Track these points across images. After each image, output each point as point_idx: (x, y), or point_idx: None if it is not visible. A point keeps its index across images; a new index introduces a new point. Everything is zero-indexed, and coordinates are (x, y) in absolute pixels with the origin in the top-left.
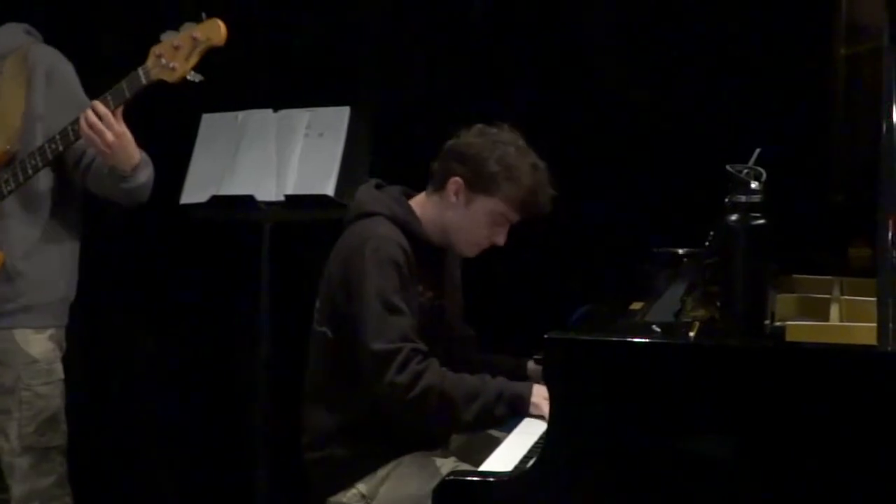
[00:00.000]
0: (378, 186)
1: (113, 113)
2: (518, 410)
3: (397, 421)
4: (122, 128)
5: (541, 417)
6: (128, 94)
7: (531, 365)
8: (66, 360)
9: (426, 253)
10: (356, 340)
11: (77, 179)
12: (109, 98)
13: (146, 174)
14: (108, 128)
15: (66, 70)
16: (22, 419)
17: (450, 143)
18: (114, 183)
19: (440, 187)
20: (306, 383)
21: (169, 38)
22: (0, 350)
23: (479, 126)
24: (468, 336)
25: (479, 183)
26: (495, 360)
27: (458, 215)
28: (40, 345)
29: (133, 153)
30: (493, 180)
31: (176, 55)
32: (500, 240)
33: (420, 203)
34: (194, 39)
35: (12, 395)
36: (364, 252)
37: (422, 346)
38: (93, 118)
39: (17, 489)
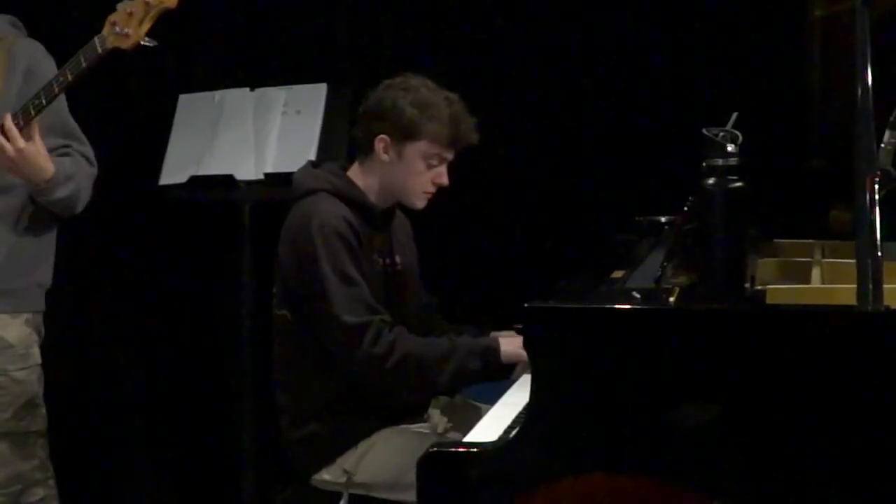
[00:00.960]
0: (315, 165)
1: (21, 127)
2: (491, 362)
3: (373, 393)
4: (24, 143)
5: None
6: (84, 65)
7: (493, 334)
8: (47, 345)
9: (373, 221)
10: (323, 318)
11: None
12: (68, 70)
13: (67, 190)
14: (11, 141)
15: (46, 67)
16: (0, 405)
17: (362, 107)
18: (33, 194)
19: (369, 151)
20: (275, 367)
21: (124, 5)
22: None
23: (385, 81)
24: (428, 302)
25: (402, 132)
26: (460, 328)
27: (395, 171)
28: (16, 329)
29: (42, 168)
30: (414, 124)
31: (129, 21)
32: (443, 180)
33: (356, 173)
34: (147, 4)
35: None
36: (311, 230)
37: (386, 315)
38: None
39: None
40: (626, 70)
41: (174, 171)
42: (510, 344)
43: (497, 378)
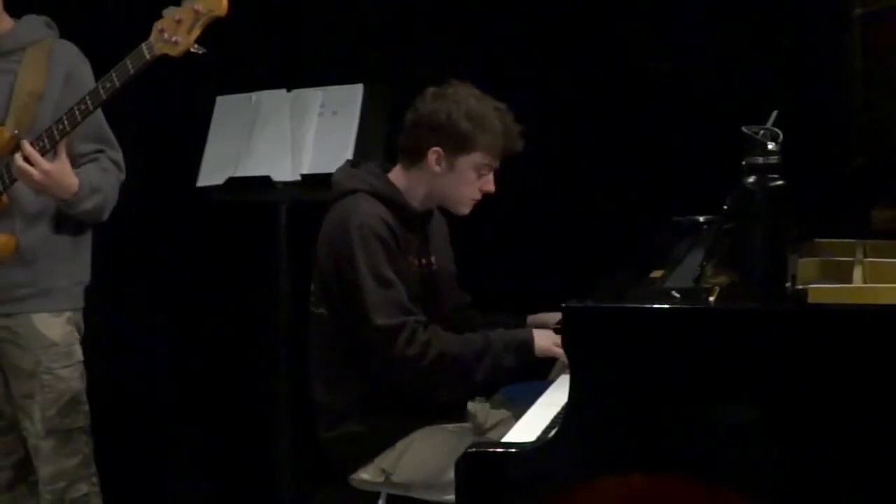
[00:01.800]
0: (354, 165)
1: (47, 150)
2: (525, 357)
3: (410, 393)
4: (49, 166)
5: (552, 358)
6: (132, 70)
7: (530, 319)
8: (86, 343)
9: (411, 222)
10: (357, 319)
11: None
12: (114, 76)
13: (92, 202)
14: (35, 166)
15: (84, 71)
16: (44, 402)
17: (411, 115)
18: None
19: (418, 160)
20: (312, 365)
21: (171, 12)
22: (19, 335)
23: (432, 90)
24: (462, 302)
25: (457, 145)
26: (495, 318)
27: (447, 181)
28: (58, 328)
29: (68, 185)
30: (469, 137)
31: (178, 29)
32: (490, 187)
33: (399, 176)
34: (196, 12)
35: (33, 379)
36: (349, 230)
37: (421, 315)
38: (20, 163)
39: (43, 471)
40: (665, 66)
41: (212, 173)
42: (543, 338)
43: (532, 370)
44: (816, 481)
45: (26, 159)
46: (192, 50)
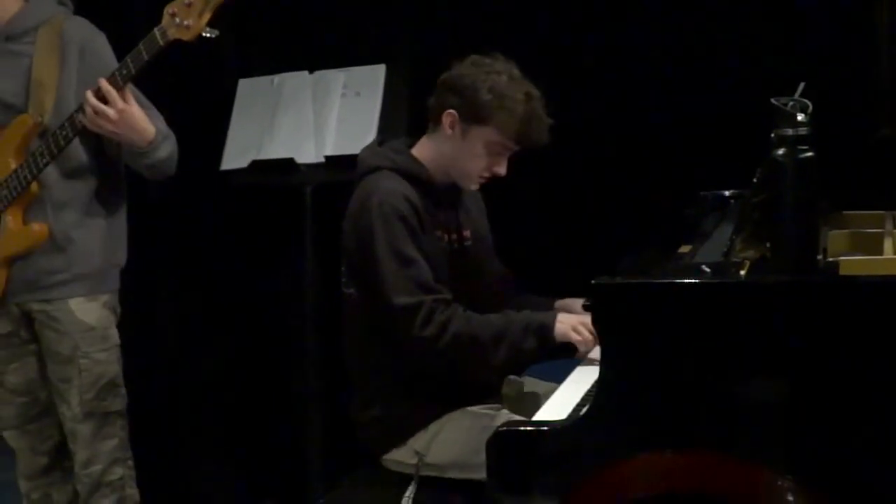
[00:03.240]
0: (380, 143)
1: (120, 90)
2: (545, 340)
3: (439, 374)
4: (126, 104)
5: (570, 344)
6: (146, 57)
7: (557, 303)
8: (121, 326)
9: (438, 197)
10: (379, 298)
11: (112, 151)
12: (130, 62)
13: (167, 149)
14: (112, 105)
15: (99, 43)
16: (82, 386)
17: (444, 76)
18: (134, 159)
19: (437, 123)
20: (346, 346)
21: None
22: (57, 319)
23: (473, 57)
24: (503, 274)
25: (472, 113)
26: (525, 301)
27: (455, 147)
28: (95, 312)
29: (145, 129)
30: (486, 109)
31: (189, 13)
32: (501, 170)
33: (422, 147)
34: None
35: (71, 363)
36: (370, 208)
37: (444, 293)
38: (94, 101)
39: (81, 454)
40: (692, 40)
41: (235, 157)
42: (564, 323)
43: (560, 354)
44: (848, 454)
45: (101, 100)
46: (203, 34)
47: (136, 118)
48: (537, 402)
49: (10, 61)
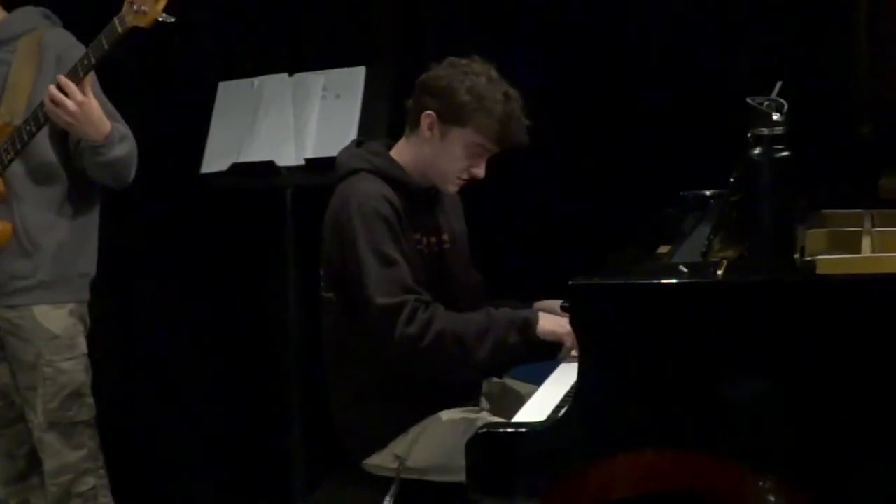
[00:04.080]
0: (358, 144)
1: (79, 82)
2: (529, 336)
3: (418, 376)
4: (84, 97)
5: (552, 344)
6: (106, 46)
7: (536, 305)
8: (93, 335)
9: (417, 199)
10: (359, 298)
11: (77, 161)
12: (90, 52)
13: (122, 149)
14: (71, 97)
15: (76, 54)
16: (45, 395)
17: (421, 77)
18: (90, 158)
19: (415, 125)
20: (325, 350)
21: None
22: (20, 327)
23: (451, 58)
24: (475, 281)
25: (450, 114)
26: (501, 305)
27: (433, 149)
28: (60, 320)
29: (101, 123)
30: (463, 110)
31: None
32: (480, 172)
33: (401, 149)
34: None
35: (35, 371)
36: (350, 210)
37: (424, 294)
38: (55, 92)
39: (48, 464)
40: (668, 39)
41: (216, 159)
42: (547, 320)
43: (542, 356)
44: (828, 453)
45: (60, 90)
46: (159, 19)
47: (94, 111)
48: (520, 401)
49: None
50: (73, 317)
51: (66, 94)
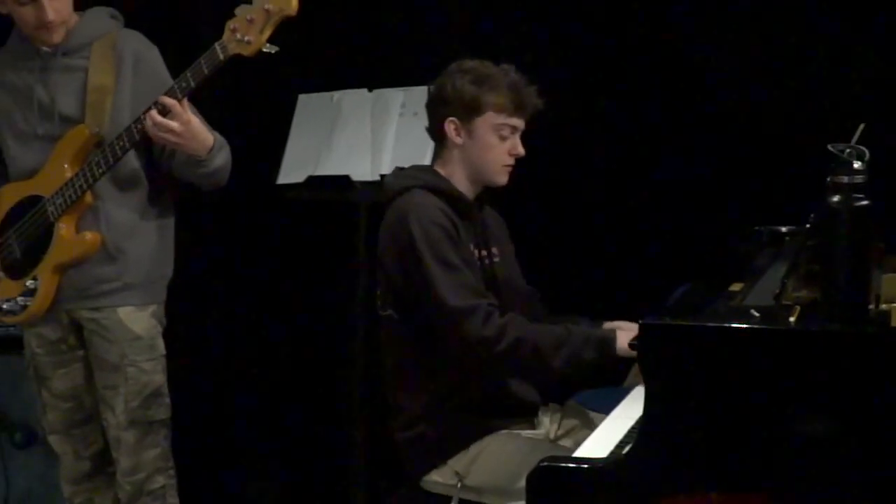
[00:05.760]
0: (401, 169)
1: (179, 102)
2: (606, 354)
3: (484, 388)
4: (189, 115)
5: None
6: (206, 71)
7: (607, 325)
8: (170, 336)
9: (466, 211)
10: (430, 305)
11: (164, 164)
12: (189, 76)
13: (222, 157)
14: (175, 118)
15: (152, 56)
16: (128, 394)
17: (427, 101)
18: (192, 169)
19: (442, 139)
20: (385, 368)
21: (243, 11)
22: (105, 328)
23: (442, 72)
24: (531, 295)
25: (466, 110)
26: (575, 319)
27: (469, 149)
28: (143, 322)
29: (206, 138)
30: (476, 100)
31: (250, 28)
32: (519, 149)
33: (441, 166)
34: (267, 11)
35: (118, 372)
36: (409, 223)
37: (494, 300)
38: (156, 117)
39: (123, 462)
40: (753, 78)
41: (292, 171)
42: (627, 339)
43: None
44: None
45: (163, 113)
46: (264, 50)
47: (198, 130)
48: (585, 423)
49: (67, 76)
50: (153, 318)
51: (166, 113)
